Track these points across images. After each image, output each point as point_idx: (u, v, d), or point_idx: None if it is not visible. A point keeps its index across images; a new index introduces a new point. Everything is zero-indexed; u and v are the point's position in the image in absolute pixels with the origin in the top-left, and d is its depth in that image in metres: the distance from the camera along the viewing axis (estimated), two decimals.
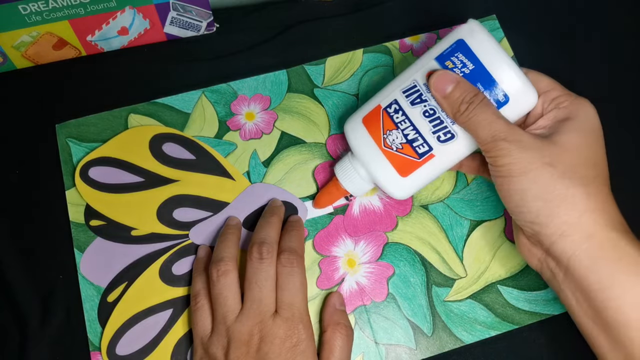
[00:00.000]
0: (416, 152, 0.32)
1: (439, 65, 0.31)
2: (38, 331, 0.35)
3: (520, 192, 0.29)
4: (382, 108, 0.33)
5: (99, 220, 0.38)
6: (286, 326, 0.32)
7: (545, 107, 0.32)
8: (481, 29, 0.31)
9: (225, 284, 0.33)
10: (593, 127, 0.30)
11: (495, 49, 0.30)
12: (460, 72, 0.31)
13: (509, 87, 0.30)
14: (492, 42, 0.30)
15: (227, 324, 0.32)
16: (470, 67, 0.31)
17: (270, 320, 0.32)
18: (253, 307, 0.32)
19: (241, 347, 0.31)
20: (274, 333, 0.32)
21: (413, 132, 0.32)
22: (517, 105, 0.31)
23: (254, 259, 0.33)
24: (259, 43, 0.44)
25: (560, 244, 0.28)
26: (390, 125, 0.33)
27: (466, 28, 0.31)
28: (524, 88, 0.30)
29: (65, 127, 0.40)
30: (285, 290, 0.33)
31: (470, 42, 0.31)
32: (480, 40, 0.30)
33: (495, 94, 0.31)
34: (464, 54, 0.31)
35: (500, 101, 0.31)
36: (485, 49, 0.30)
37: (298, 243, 0.36)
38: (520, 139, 0.29)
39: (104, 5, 0.39)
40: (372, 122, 0.34)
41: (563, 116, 0.31)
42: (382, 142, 0.33)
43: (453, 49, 0.31)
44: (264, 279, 0.33)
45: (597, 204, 0.28)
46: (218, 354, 0.32)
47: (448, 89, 0.30)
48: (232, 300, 0.33)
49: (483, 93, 0.30)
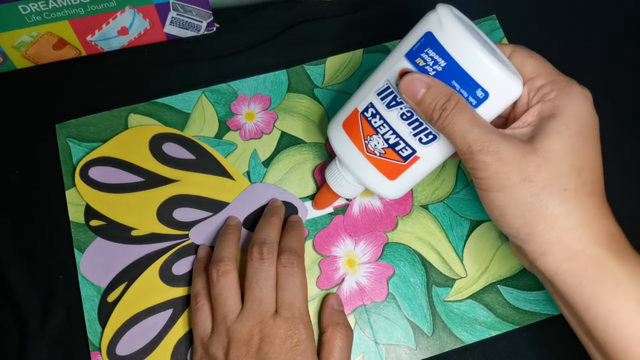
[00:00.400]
0: (400, 155, 0.31)
1: (409, 63, 0.29)
2: (38, 331, 0.35)
3: (499, 207, 0.27)
4: (360, 112, 0.31)
5: (99, 220, 0.38)
6: (286, 326, 0.32)
7: (531, 97, 0.29)
8: (449, 18, 0.27)
9: (225, 284, 0.33)
10: (580, 125, 0.27)
11: (467, 40, 0.27)
12: (433, 71, 0.28)
13: (487, 82, 0.27)
14: (464, 33, 0.27)
15: (227, 324, 0.32)
16: (442, 63, 0.27)
17: (270, 321, 0.32)
18: (253, 307, 0.32)
19: (241, 347, 0.31)
20: (274, 333, 0.31)
21: (394, 137, 0.30)
22: (499, 99, 0.28)
23: (255, 259, 0.33)
24: (259, 43, 0.44)
25: (542, 261, 0.27)
26: (370, 130, 0.31)
27: (433, 18, 0.27)
28: (504, 80, 0.27)
29: (65, 127, 0.40)
30: (285, 291, 0.33)
31: (439, 35, 0.27)
32: (450, 31, 0.27)
33: (473, 92, 0.28)
34: (434, 49, 0.27)
35: (480, 97, 0.28)
36: (456, 41, 0.27)
37: (298, 243, 0.36)
38: (497, 150, 0.26)
39: (104, 5, 0.39)
40: (352, 128, 0.32)
41: (548, 112, 0.28)
42: (364, 148, 0.31)
43: (422, 44, 0.28)
44: (265, 279, 0.33)
45: (579, 220, 0.26)
46: (218, 354, 0.32)
47: (419, 95, 0.28)
48: (232, 300, 0.33)
49: (458, 93, 0.27)
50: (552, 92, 0.28)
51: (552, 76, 0.29)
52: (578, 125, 0.27)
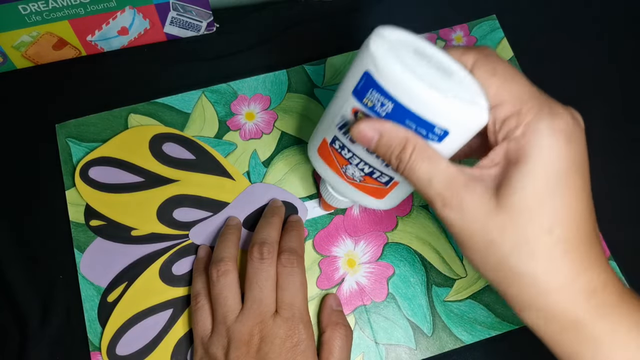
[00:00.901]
0: (379, 181, 0.29)
1: (358, 102, 0.25)
2: (38, 331, 0.35)
3: (472, 263, 0.25)
4: (328, 144, 0.29)
5: (99, 220, 0.38)
6: (287, 326, 0.32)
7: (497, 130, 0.24)
8: (383, 56, 0.23)
9: (225, 284, 0.33)
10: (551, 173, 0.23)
11: (407, 80, 0.23)
12: (383, 112, 0.24)
13: (441, 120, 0.23)
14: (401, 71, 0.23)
15: (227, 324, 0.32)
16: (390, 105, 0.24)
17: (270, 320, 0.32)
18: (253, 307, 0.32)
19: (241, 347, 0.31)
20: (274, 333, 0.31)
21: (367, 167, 0.28)
22: (461, 133, 0.24)
23: (255, 259, 0.33)
24: (259, 43, 0.44)
25: (521, 316, 0.25)
26: (343, 161, 0.29)
27: (367, 55, 0.24)
28: (460, 114, 0.23)
29: (65, 127, 0.40)
30: (285, 291, 0.33)
31: (377, 77, 0.24)
32: (386, 72, 0.23)
33: (430, 130, 0.24)
34: (376, 91, 0.24)
35: (439, 134, 0.24)
36: (395, 82, 0.23)
37: (298, 243, 0.36)
38: (460, 206, 0.24)
39: (104, 5, 0.39)
40: (326, 156, 0.30)
41: (513, 155, 0.23)
42: (343, 176, 0.30)
43: (364, 84, 0.24)
44: (265, 279, 0.33)
45: (553, 283, 0.23)
46: (218, 354, 0.32)
47: (372, 143, 0.25)
48: (232, 300, 0.33)
49: (415, 136, 0.24)
50: (517, 128, 0.23)
51: (518, 104, 0.23)
52: (547, 173, 0.23)
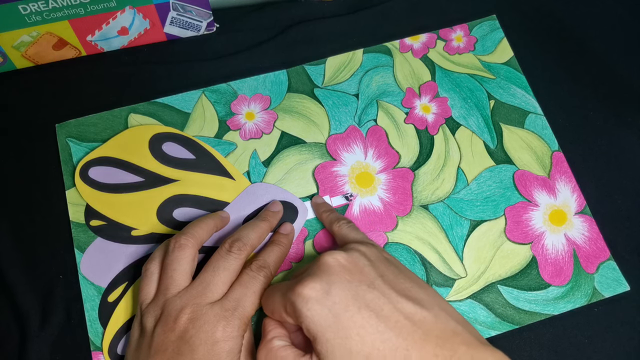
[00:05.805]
0: None
1: None
2: (38, 331, 0.35)
3: None
4: None
5: (99, 220, 0.38)
6: (222, 316, 0.30)
7: None
8: None
9: (178, 257, 0.32)
10: None
11: None
12: None
13: None
14: None
15: (166, 296, 0.31)
16: None
17: (207, 305, 0.30)
18: (198, 288, 0.31)
19: (169, 322, 0.30)
20: (205, 319, 0.30)
21: None
22: None
23: (222, 249, 0.33)
24: (259, 43, 0.44)
25: None
26: None
27: None
28: None
29: (65, 127, 0.40)
30: (240, 287, 0.32)
31: None
32: None
33: None
34: None
35: None
36: None
37: (275, 260, 0.35)
38: None
39: (104, 5, 0.39)
40: None
41: None
42: None
43: None
44: (223, 268, 0.32)
45: None
46: (148, 324, 0.31)
47: None
48: (179, 274, 0.32)
49: None
50: None
51: None
52: None
